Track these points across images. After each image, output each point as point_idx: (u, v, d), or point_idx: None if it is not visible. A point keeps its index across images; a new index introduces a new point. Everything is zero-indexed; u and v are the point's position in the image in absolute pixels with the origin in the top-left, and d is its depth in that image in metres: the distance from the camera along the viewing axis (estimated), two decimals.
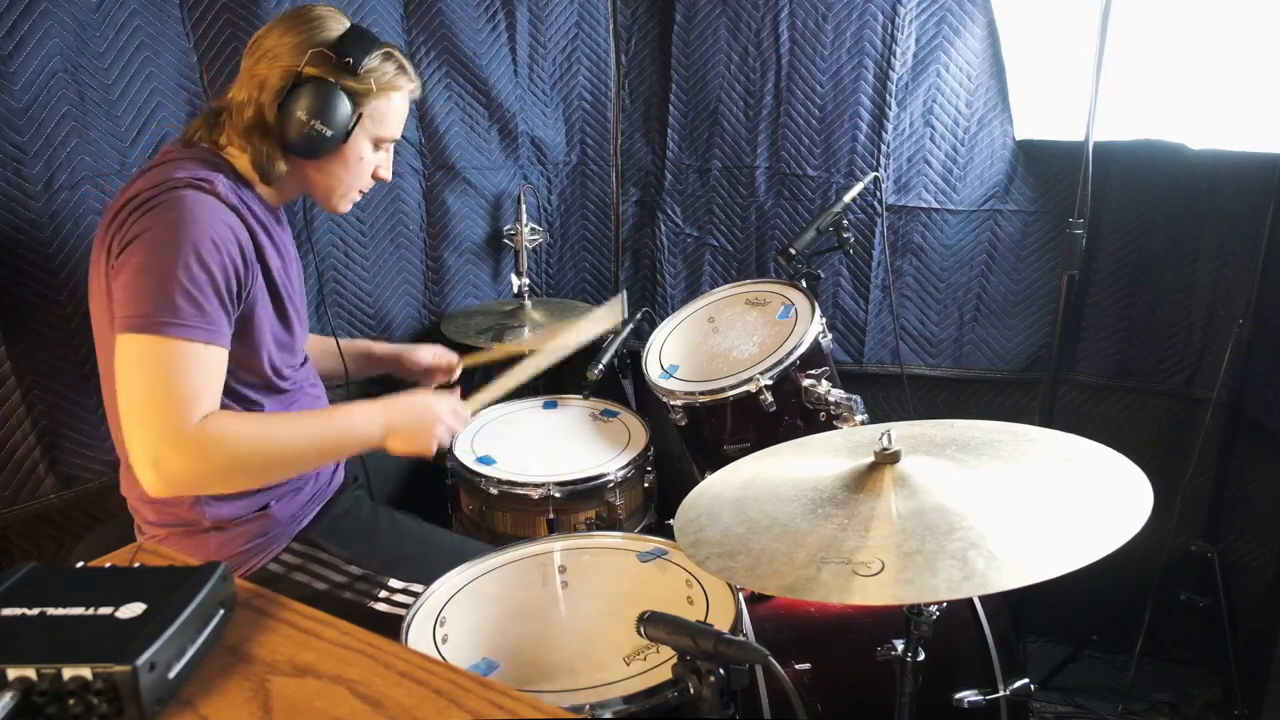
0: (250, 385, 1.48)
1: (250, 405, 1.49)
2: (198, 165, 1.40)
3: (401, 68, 1.50)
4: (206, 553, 1.49)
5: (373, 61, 1.45)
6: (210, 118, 1.48)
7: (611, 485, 1.89)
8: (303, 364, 1.65)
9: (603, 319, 1.94)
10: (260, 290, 1.43)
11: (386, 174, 1.59)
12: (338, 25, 1.45)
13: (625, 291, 2.26)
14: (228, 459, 1.29)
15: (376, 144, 1.53)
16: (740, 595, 1.38)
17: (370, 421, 1.45)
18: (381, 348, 1.97)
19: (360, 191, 1.58)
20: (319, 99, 1.40)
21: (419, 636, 1.34)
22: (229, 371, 1.38)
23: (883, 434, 1.20)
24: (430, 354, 1.96)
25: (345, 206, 1.58)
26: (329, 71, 1.41)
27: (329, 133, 1.42)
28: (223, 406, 1.42)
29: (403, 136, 2.27)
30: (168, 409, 1.25)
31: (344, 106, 1.43)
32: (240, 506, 1.50)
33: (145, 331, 1.26)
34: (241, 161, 1.47)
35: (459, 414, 1.55)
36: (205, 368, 1.30)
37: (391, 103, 1.50)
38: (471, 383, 2.59)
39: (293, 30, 1.42)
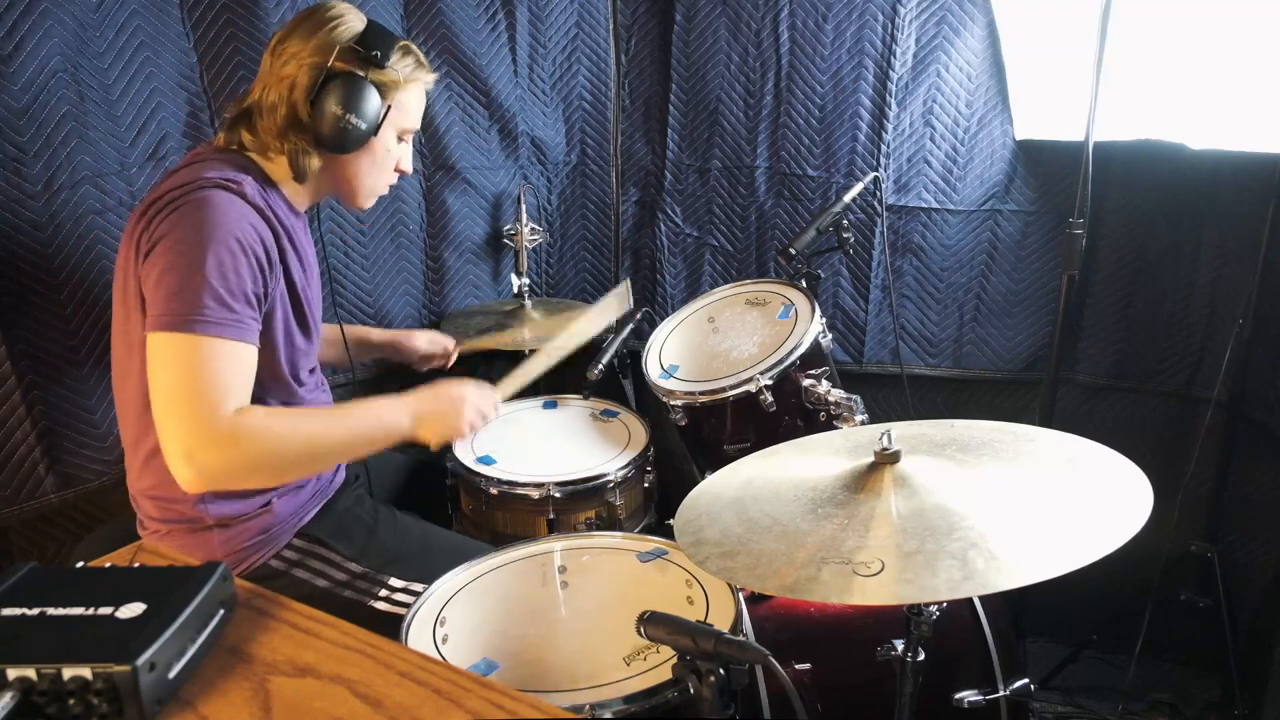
0: (266, 388, 1.47)
1: (273, 392, 1.50)
2: (226, 166, 1.42)
3: (420, 61, 1.53)
4: (209, 549, 1.49)
5: (396, 55, 1.48)
6: (236, 121, 1.48)
7: (611, 485, 1.89)
8: (312, 370, 1.66)
9: (611, 307, 1.97)
10: (281, 293, 1.45)
11: (408, 166, 1.61)
12: (359, 21, 1.47)
13: (629, 279, 2.26)
14: (261, 451, 1.31)
15: (400, 136, 1.56)
16: (740, 595, 1.38)
17: (400, 412, 1.47)
18: (379, 334, 2.01)
19: (388, 186, 1.61)
20: (351, 93, 1.42)
21: (419, 636, 1.34)
22: (261, 357, 1.41)
23: (883, 434, 1.20)
24: (426, 340, 2.00)
25: (370, 202, 1.60)
26: (358, 66, 1.44)
27: (362, 125, 1.44)
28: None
29: None
30: (200, 403, 1.27)
31: (374, 99, 1.45)
32: (243, 504, 1.50)
33: (175, 330, 1.27)
34: (271, 165, 1.49)
35: (487, 397, 1.59)
36: (235, 363, 1.31)
37: (413, 94, 1.53)
38: (473, 371, 2.60)
39: (318, 29, 1.44)
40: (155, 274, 1.31)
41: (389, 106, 1.48)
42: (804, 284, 2.00)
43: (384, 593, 1.56)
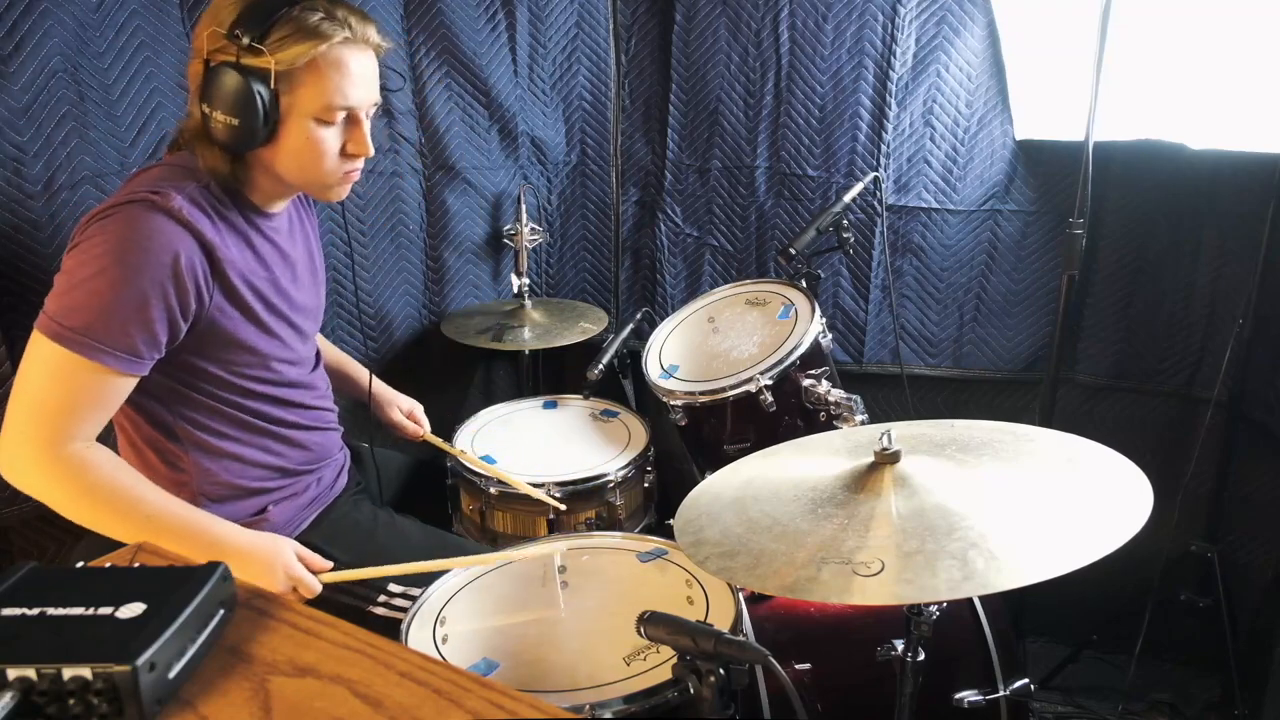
0: (249, 380, 1.46)
1: (251, 398, 1.47)
2: (170, 173, 1.35)
3: (320, 31, 1.28)
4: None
5: (282, 30, 1.27)
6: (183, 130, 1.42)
7: (611, 485, 1.89)
8: (314, 368, 1.65)
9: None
10: (217, 307, 1.36)
11: (362, 148, 1.39)
12: (238, 2, 1.28)
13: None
14: (77, 496, 1.28)
15: (322, 119, 1.34)
16: (740, 595, 1.38)
17: (223, 539, 1.35)
18: (373, 382, 1.90)
19: (347, 175, 1.42)
20: (220, 88, 1.27)
21: (419, 637, 1.34)
22: (230, 365, 1.40)
23: (883, 434, 1.20)
24: (399, 415, 1.92)
25: (335, 195, 1.44)
26: (232, 53, 1.27)
27: (242, 121, 1.28)
28: (227, 404, 1.43)
29: (403, 136, 2.30)
30: (41, 418, 1.26)
31: (251, 90, 1.26)
32: (235, 510, 1.50)
33: (50, 337, 1.25)
34: (208, 164, 1.37)
35: (304, 576, 1.39)
36: (90, 390, 1.27)
37: (322, 70, 1.30)
38: (472, 371, 2.59)
39: (205, 17, 1.31)
40: (60, 274, 1.28)
41: (276, 93, 1.29)
42: (804, 284, 2.00)
43: (382, 598, 1.54)
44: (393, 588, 1.56)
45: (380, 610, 1.54)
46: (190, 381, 1.41)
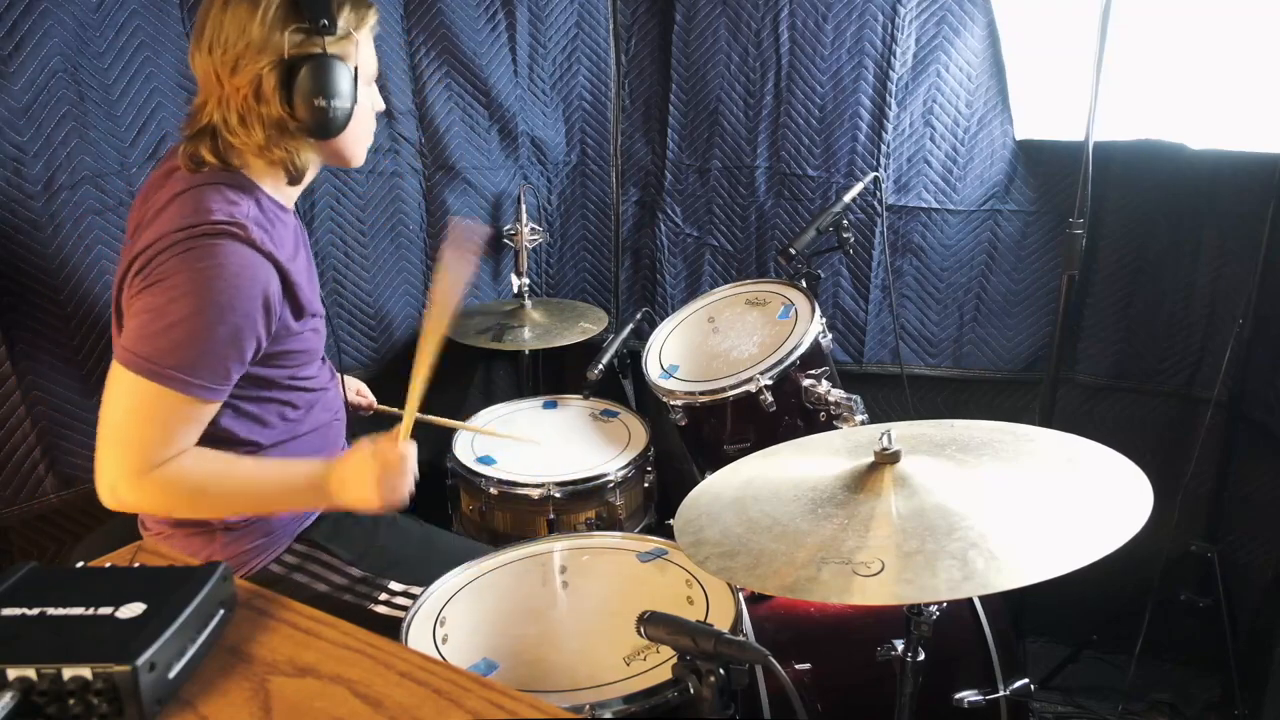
0: (285, 376, 1.46)
1: (283, 391, 1.47)
2: (224, 195, 1.33)
3: (356, 3, 1.39)
4: (210, 552, 1.49)
5: (339, 11, 1.35)
6: (196, 139, 1.37)
7: (611, 485, 1.90)
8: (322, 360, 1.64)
9: (464, 263, 1.56)
10: (287, 318, 1.39)
11: (382, 105, 1.52)
12: None
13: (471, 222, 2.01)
14: (179, 498, 1.34)
15: (370, 83, 1.47)
16: (740, 595, 1.38)
17: (319, 483, 1.37)
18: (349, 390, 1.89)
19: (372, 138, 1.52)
20: (323, 77, 1.31)
21: (419, 637, 1.34)
22: (271, 364, 1.41)
23: (883, 434, 1.20)
24: (353, 397, 1.89)
25: (364, 158, 1.52)
26: (313, 43, 1.31)
27: (346, 103, 1.35)
28: (256, 400, 1.44)
29: (403, 136, 2.30)
30: (139, 449, 1.28)
31: (343, 71, 1.34)
32: None
33: (141, 374, 1.25)
34: (254, 170, 1.39)
35: (392, 470, 1.36)
36: (184, 418, 1.30)
37: (367, 42, 1.42)
38: (471, 372, 2.59)
39: (247, 20, 1.29)
40: (140, 309, 1.27)
41: (355, 69, 1.37)
42: (804, 284, 2.00)
43: (384, 596, 1.55)
44: (394, 586, 1.56)
45: (382, 609, 1.54)
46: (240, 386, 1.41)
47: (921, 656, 1.25)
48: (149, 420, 1.28)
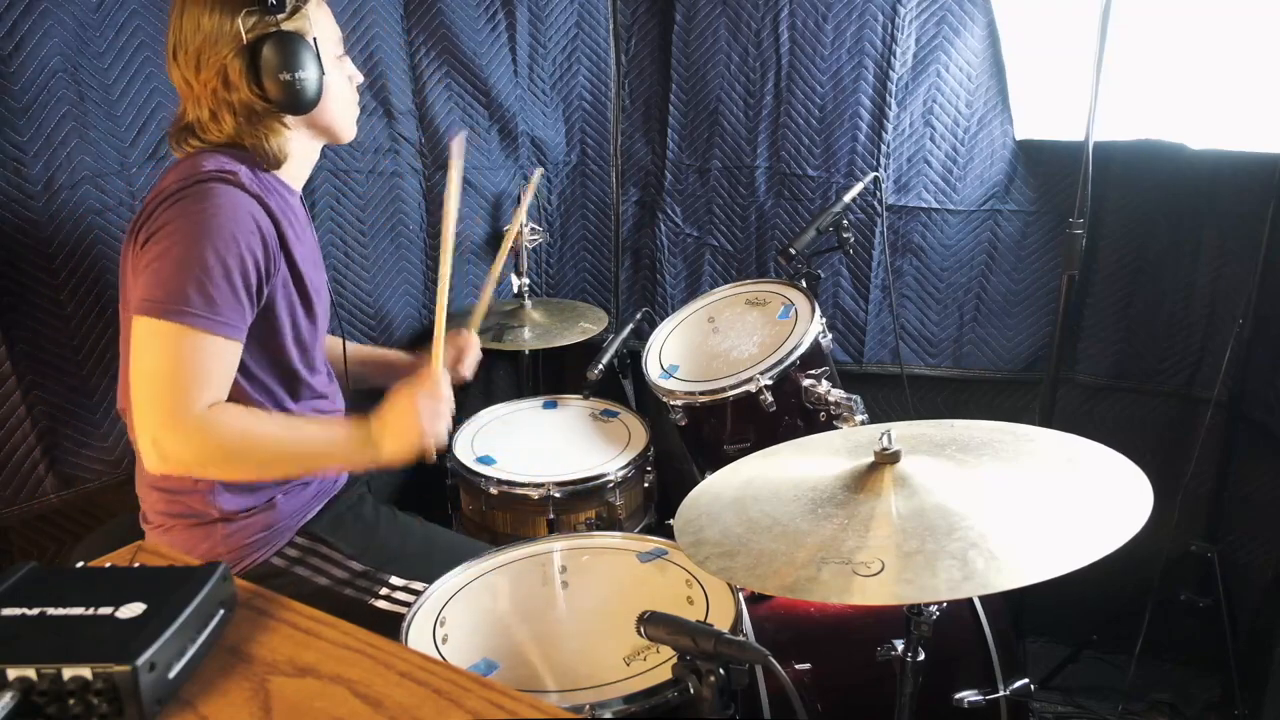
0: (276, 378, 1.48)
1: (270, 398, 1.48)
2: (221, 156, 1.40)
3: None
4: (212, 543, 1.49)
5: None
6: (181, 135, 1.44)
7: (611, 485, 1.90)
8: (328, 369, 1.65)
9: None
10: (284, 279, 1.44)
11: (358, 74, 1.56)
12: None
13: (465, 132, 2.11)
14: (222, 448, 1.32)
15: (341, 54, 1.51)
16: (740, 595, 1.38)
17: (361, 430, 1.41)
18: (394, 355, 1.93)
19: (357, 104, 1.57)
20: (283, 52, 1.36)
21: (419, 636, 1.34)
22: (252, 362, 1.41)
23: (883, 434, 1.20)
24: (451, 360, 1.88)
25: (353, 130, 1.57)
26: (267, 24, 1.36)
27: (312, 74, 1.39)
28: (244, 398, 1.44)
29: (403, 136, 2.30)
30: (171, 392, 1.28)
31: (302, 44, 1.38)
32: (248, 499, 1.50)
33: (156, 316, 1.28)
34: (260, 148, 1.45)
35: (433, 398, 1.43)
36: (215, 358, 1.32)
37: (322, 14, 1.46)
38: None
39: (203, 14, 1.35)
40: (148, 259, 1.32)
41: (314, 39, 1.41)
42: (804, 284, 2.00)
43: (384, 591, 1.56)
44: (395, 581, 1.57)
45: (382, 604, 1.55)
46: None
47: (921, 656, 1.25)
48: (179, 362, 1.29)
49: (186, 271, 1.29)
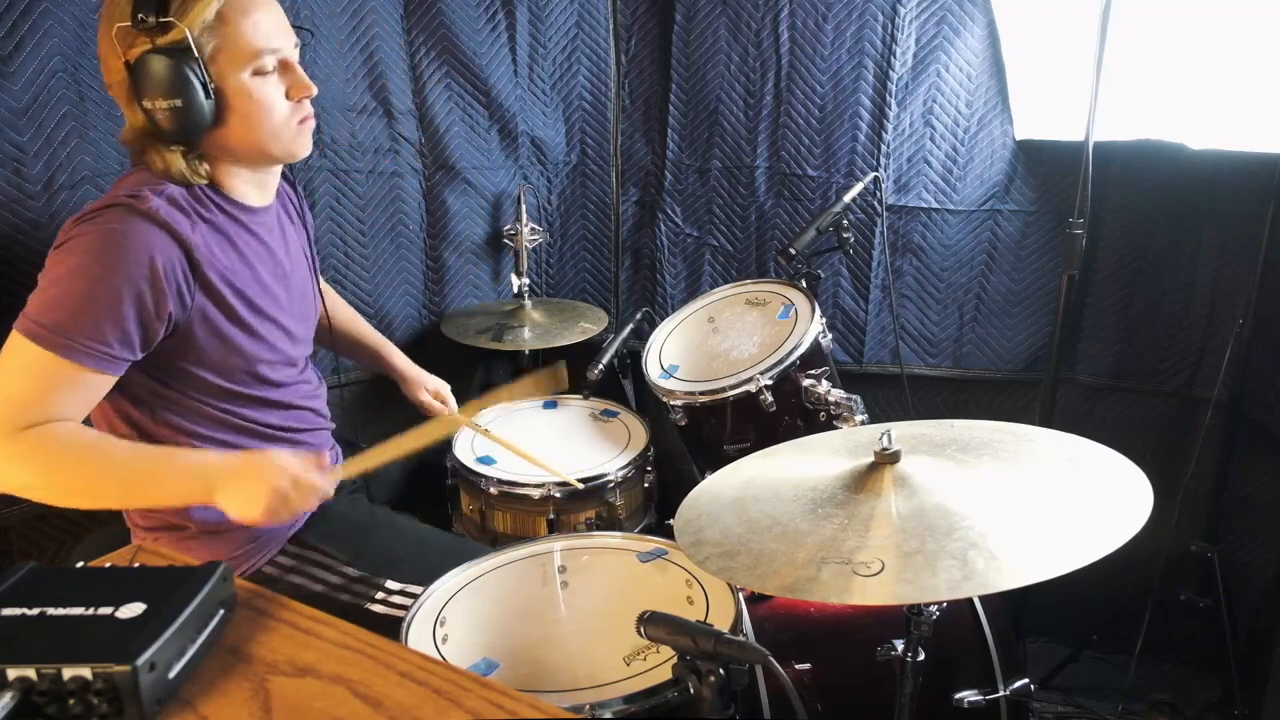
0: (234, 382, 1.44)
1: (236, 401, 1.45)
2: (151, 177, 1.33)
3: None
4: (198, 556, 1.47)
5: (177, 2, 1.24)
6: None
7: (611, 485, 1.89)
8: (304, 369, 1.62)
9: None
10: (200, 307, 1.34)
11: (304, 87, 1.36)
12: None
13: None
14: (41, 466, 1.25)
15: (258, 71, 1.31)
16: (740, 595, 1.38)
17: (204, 470, 1.28)
18: (399, 360, 1.93)
19: (302, 122, 1.39)
20: (152, 78, 1.24)
21: (419, 637, 1.34)
22: (214, 368, 1.38)
23: (883, 434, 1.20)
24: (426, 396, 1.91)
25: (300, 149, 1.41)
26: (143, 43, 1.24)
27: (183, 101, 1.25)
28: (211, 405, 1.41)
29: (403, 136, 2.30)
30: (5, 405, 1.24)
31: (182, 65, 1.24)
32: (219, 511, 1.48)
33: (25, 335, 1.24)
34: (169, 173, 1.35)
35: (305, 485, 1.27)
36: (63, 383, 1.25)
37: (233, 20, 1.27)
38: (471, 371, 2.59)
39: (103, 23, 1.28)
40: (42, 274, 1.28)
41: (200, 61, 1.25)
42: (804, 284, 2.00)
43: (381, 595, 1.55)
44: (391, 585, 1.56)
45: (379, 608, 1.54)
46: (172, 384, 1.39)
47: (921, 656, 1.25)
48: (24, 376, 1.25)
49: (54, 295, 1.24)
